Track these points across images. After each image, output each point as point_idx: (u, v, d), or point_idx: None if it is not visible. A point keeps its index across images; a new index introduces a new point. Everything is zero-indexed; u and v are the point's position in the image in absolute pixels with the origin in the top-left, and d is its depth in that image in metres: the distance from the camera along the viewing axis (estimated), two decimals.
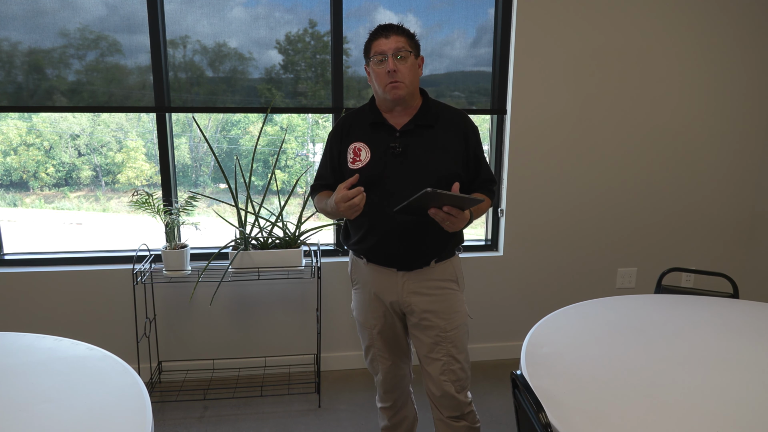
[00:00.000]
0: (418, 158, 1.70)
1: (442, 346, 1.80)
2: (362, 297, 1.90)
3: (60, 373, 1.43)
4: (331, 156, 1.83)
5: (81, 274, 2.74)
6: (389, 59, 1.64)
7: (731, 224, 3.16)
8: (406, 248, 1.74)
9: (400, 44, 1.65)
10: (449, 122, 1.76)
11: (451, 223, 1.58)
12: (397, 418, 2.05)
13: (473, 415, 1.89)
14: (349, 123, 1.81)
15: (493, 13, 2.82)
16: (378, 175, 1.70)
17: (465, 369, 1.85)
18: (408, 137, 1.72)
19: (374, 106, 1.78)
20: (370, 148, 1.74)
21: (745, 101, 3.01)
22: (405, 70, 1.66)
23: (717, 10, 2.87)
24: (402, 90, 1.67)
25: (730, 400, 1.29)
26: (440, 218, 1.57)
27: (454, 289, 1.83)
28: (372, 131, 1.76)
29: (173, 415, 2.56)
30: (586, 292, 3.12)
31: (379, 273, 1.82)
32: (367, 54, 1.72)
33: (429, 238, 1.74)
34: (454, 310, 1.81)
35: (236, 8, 2.66)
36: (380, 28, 1.69)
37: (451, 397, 1.83)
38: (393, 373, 1.96)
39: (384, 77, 1.66)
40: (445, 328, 1.80)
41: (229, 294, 2.86)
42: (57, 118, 2.93)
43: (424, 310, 1.80)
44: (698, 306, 1.92)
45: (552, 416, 1.22)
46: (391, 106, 1.74)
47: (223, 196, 2.97)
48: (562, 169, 2.95)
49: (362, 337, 1.96)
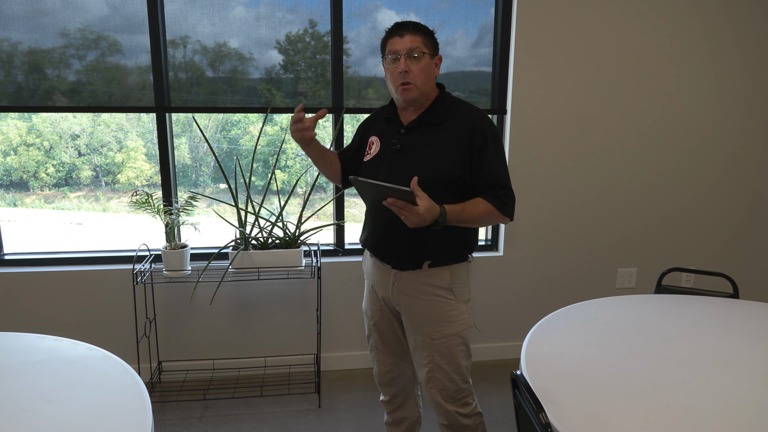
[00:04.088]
0: (413, 156, 1.68)
1: (427, 352, 1.76)
2: (367, 287, 1.93)
3: (60, 373, 1.43)
4: (353, 142, 1.90)
5: (81, 274, 2.74)
6: (402, 59, 1.61)
7: (731, 224, 3.16)
8: (394, 244, 1.71)
9: (414, 44, 1.61)
10: (457, 121, 1.68)
11: (404, 217, 1.50)
12: (396, 415, 2.04)
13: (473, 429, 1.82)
14: (376, 116, 1.85)
15: (493, 12, 2.82)
16: (378, 170, 1.71)
17: (454, 380, 1.76)
18: (410, 134, 1.70)
19: (393, 101, 1.80)
20: (381, 143, 1.75)
21: (745, 101, 3.01)
22: (417, 72, 1.62)
23: (716, 10, 2.87)
24: (413, 92, 1.65)
25: (730, 400, 1.29)
26: (395, 211, 1.50)
27: (446, 297, 1.73)
28: (385, 125, 1.78)
29: (173, 415, 2.56)
30: (586, 292, 3.12)
31: (377, 267, 1.83)
32: (383, 51, 1.70)
33: (419, 238, 1.67)
34: (443, 319, 1.73)
35: (238, 8, 2.66)
36: (396, 26, 1.64)
37: (438, 404, 1.80)
38: (389, 367, 1.95)
39: (396, 77, 1.64)
40: (431, 335, 1.74)
41: (229, 294, 2.85)
42: (57, 118, 2.93)
43: (411, 313, 1.77)
44: (698, 306, 1.92)
45: (552, 416, 1.22)
46: (405, 105, 1.73)
47: (223, 196, 2.97)
48: (561, 169, 2.95)
49: (365, 325, 1.98)
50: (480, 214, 1.63)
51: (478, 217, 1.63)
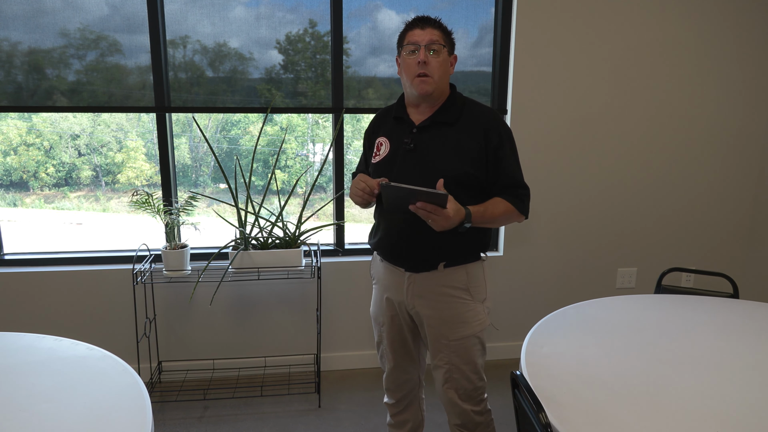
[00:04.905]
0: (428, 156, 1.66)
1: (444, 353, 1.75)
2: (376, 293, 1.90)
3: (60, 373, 1.43)
4: (364, 149, 1.89)
5: (81, 274, 2.74)
6: (421, 50, 1.61)
7: (731, 224, 3.16)
8: (409, 246, 1.70)
9: (435, 37, 1.62)
10: (471, 120, 1.67)
11: (433, 221, 1.50)
12: (400, 417, 2.04)
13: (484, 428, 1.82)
14: (380, 117, 1.82)
15: (494, 12, 2.82)
16: (390, 171, 1.69)
17: (471, 380, 1.77)
18: (423, 134, 1.68)
19: (402, 99, 1.78)
20: (390, 143, 1.72)
21: (745, 101, 3.01)
22: (436, 65, 1.62)
23: (716, 10, 2.87)
24: (430, 85, 1.63)
25: (730, 400, 1.29)
26: (423, 215, 1.49)
27: (464, 298, 1.72)
28: (394, 126, 1.75)
29: (173, 415, 2.56)
30: (586, 292, 3.12)
31: (389, 271, 1.79)
32: (400, 43, 1.68)
33: (435, 239, 1.65)
34: (460, 321, 1.72)
35: (238, 8, 2.66)
36: (417, 19, 1.65)
37: (454, 404, 1.79)
38: (396, 374, 1.94)
39: (413, 68, 1.63)
40: (448, 336, 1.73)
41: (229, 294, 2.86)
42: (57, 118, 2.93)
43: (428, 315, 1.75)
44: (698, 306, 1.92)
45: (552, 416, 1.22)
46: (418, 101, 1.70)
47: (223, 196, 2.97)
48: (561, 169, 2.95)
49: (374, 332, 1.96)
50: (500, 214, 1.65)
51: (498, 217, 1.65)
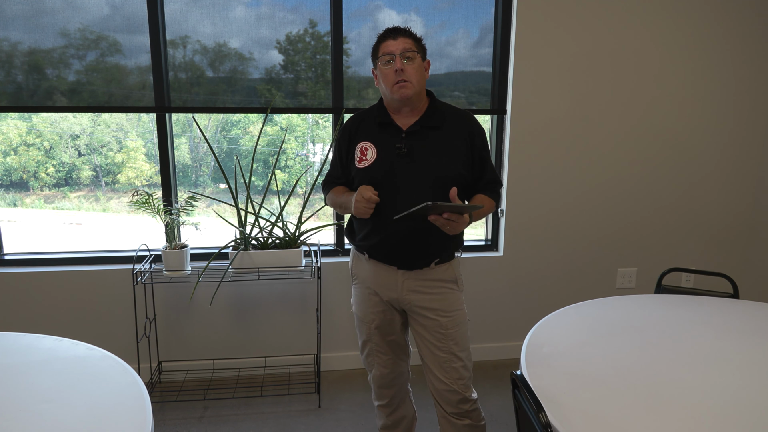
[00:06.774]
0: (424, 159, 1.73)
1: (443, 343, 1.82)
2: (361, 292, 1.92)
3: (60, 373, 1.43)
4: (340, 155, 1.88)
5: (81, 274, 2.74)
6: (397, 59, 1.69)
7: (731, 224, 3.16)
8: (409, 248, 1.77)
9: (407, 45, 1.70)
10: (455, 124, 1.78)
11: (450, 227, 1.63)
12: (395, 416, 2.05)
13: (477, 413, 1.90)
14: (358, 123, 1.84)
15: (494, 13, 2.82)
16: (384, 175, 1.73)
17: (467, 367, 1.86)
18: (414, 138, 1.75)
19: (382, 106, 1.82)
20: (377, 148, 1.77)
21: (745, 101, 3.01)
22: (412, 71, 1.70)
23: (716, 10, 2.87)
24: (409, 89, 1.70)
25: (730, 400, 1.29)
26: (440, 223, 1.61)
27: (453, 288, 1.85)
28: (379, 131, 1.79)
29: (173, 415, 2.56)
30: (586, 292, 3.12)
31: (380, 270, 1.84)
32: (375, 56, 1.76)
33: (432, 240, 1.76)
34: (454, 308, 1.83)
35: (238, 8, 2.67)
36: (388, 31, 1.73)
37: (453, 392, 1.84)
38: (390, 368, 1.97)
39: (391, 77, 1.70)
40: (446, 325, 1.81)
41: (229, 294, 2.86)
42: (57, 118, 2.93)
43: (424, 308, 1.82)
44: (698, 306, 1.92)
45: (552, 416, 1.22)
46: (399, 107, 1.77)
47: (223, 196, 2.97)
48: (561, 169, 2.95)
49: (359, 332, 1.98)
50: (487, 210, 1.83)
51: (486, 212, 1.84)
